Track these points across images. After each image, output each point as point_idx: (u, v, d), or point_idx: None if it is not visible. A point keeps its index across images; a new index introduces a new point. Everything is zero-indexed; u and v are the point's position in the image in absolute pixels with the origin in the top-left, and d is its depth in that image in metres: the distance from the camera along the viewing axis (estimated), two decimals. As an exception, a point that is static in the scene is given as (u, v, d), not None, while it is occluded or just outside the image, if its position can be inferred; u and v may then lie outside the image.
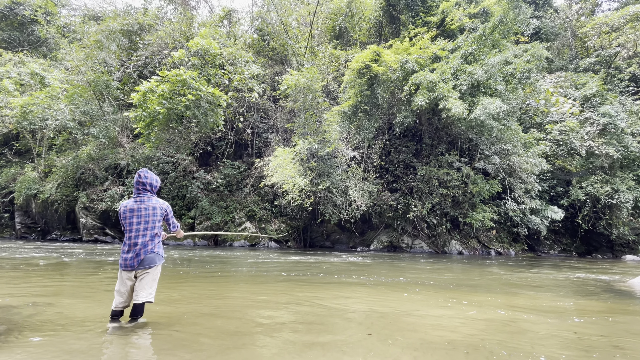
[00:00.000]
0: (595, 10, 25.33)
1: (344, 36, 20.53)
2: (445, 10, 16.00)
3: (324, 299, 4.59)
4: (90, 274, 6.53)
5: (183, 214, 15.84)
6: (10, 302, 3.86)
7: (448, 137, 15.83)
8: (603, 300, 5.15)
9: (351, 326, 3.24)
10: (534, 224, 14.27)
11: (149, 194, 3.16)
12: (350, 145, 15.75)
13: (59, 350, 2.42)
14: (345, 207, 14.35)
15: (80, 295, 4.56)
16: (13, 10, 23.76)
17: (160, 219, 3.14)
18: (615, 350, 2.78)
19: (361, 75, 13.62)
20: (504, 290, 5.75)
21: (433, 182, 14.45)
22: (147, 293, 3.00)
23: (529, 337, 3.04)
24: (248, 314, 3.65)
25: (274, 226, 15.56)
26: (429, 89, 12.76)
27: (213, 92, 13.56)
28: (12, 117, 16.80)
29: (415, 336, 2.95)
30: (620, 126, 14.92)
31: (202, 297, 4.61)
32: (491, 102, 11.67)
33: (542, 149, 14.97)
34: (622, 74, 19.91)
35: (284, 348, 2.58)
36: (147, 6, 23.45)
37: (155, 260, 3.06)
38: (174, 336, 2.79)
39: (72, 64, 18.59)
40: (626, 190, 14.57)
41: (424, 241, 14.98)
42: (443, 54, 14.03)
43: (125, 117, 16.85)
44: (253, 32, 21.77)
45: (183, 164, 16.54)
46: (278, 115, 17.91)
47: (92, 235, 15.93)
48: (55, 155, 19.11)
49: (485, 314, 3.90)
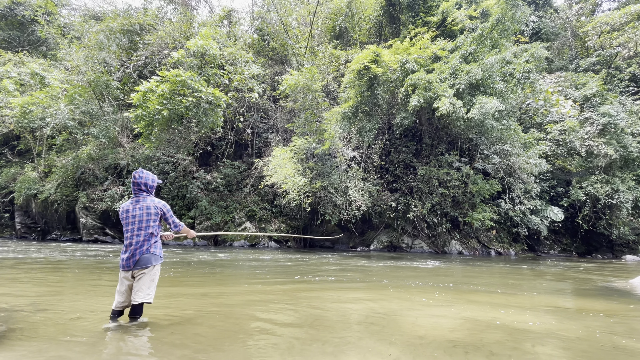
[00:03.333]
0: (596, 10, 25.30)
1: (344, 36, 20.53)
2: (446, 11, 15.99)
3: (324, 298, 4.60)
4: (90, 274, 6.53)
5: (183, 214, 15.83)
6: (10, 302, 3.86)
7: (448, 137, 15.83)
8: (603, 300, 5.15)
9: (351, 326, 3.24)
10: (534, 224, 14.27)
11: (145, 194, 3.17)
12: (350, 146, 15.75)
13: (58, 349, 2.43)
14: (345, 207, 14.34)
15: (80, 295, 4.57)
16: (13, 10, 23.75)
17: (155, 218, 3.12)
18: (615, 350, 2.78)
19: (361, 76, 13.61)
20: (504, 290, 5.75)
21: (433, 182, 14.45)
22: (144, 294, 2.99)
23: (529, 337, 3.04)
24: (247, 313, 3.66)
25: (274, 226, 15.56)
26: (425, 88, 12.76)
27: (213, 93, 13.56)
28: (12, 117, 16.78)
29: (416, 336, 2.96)
30: (620, 126, 14.91)
31: (202, 296, 4.62)
32: (488, 101, 11.65)
33: (542, 148, 14.97)
34: (622, 74, 19.90)
35: (283, 348, 2.58)
36: (147, 6, 23.45)
37: (150, 260, 3.04)
38: (174, 336, 2.79)
39: (72, 64, 18.57)
40: (626, 190, 14.56)
41: (424, 241, 14.98)
42: (443, 54, 14.02)
43: (125, 117, 16.85)
44: (253, 32, 21.77)
45: (183, 164, 16.54)
46: (278, 115, 17.91)
47: (92, 235, 15.93)
48: (55, 155, 19.11)
49: (485, 313, 3.90)
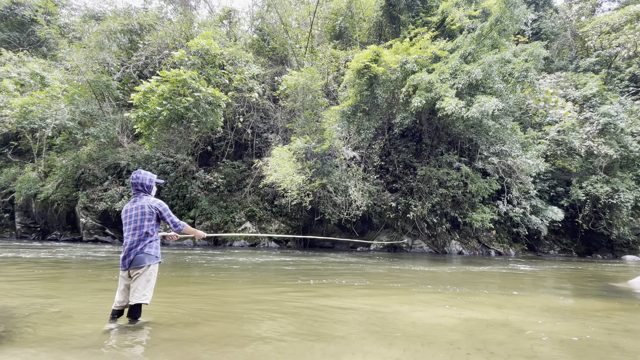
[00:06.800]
0: (596, 10, 25.29)
1: (344, 36, 20.52)
2: (445, 11, 15.98)
3: (324, 298, 4.60)
4: (90, 274, 6.53)
5: (183, 214, 15.83)
6: (10, 302, 3.86)
7: (448, 137, 15.83)
8: (603, 300, 5.15)
9: (351, 326, 3.24)
10: (534, 224, 14.27)
11: (142, 194, 3.17)
12: (350, 145, 15.74)
13: (58, 349, 2.42)
14: (345, 207, 14.34)
15: (80, 295, 4.56)
16: (13, 11, 23.75)
17: (150, 217, 3.09)
18: (615, 350, 2.78)
19: (361, 76, 13.60)
20: (504, 290, 5.75)
21: (433, 182, 14.45)
22: (140, 294, 2.97)
23: (529, 337, 3.04)
24: (248, 314, 3.65)
25: (273, 226, 15.56)
26: (426, 89, 12.76)
27: (213, 93, 13.56)
28: (12, 117, 16.78)
29: (416, 336, 2.96)
30: (620, 126, 14.91)
31: (202, 296, 4.62)
32: (487, 100, 11.66)
33: (541, 148, 14.96)
34: (622, 74, 19.90)
35: (284, 348, 2.58)
36: (147, 6, 23.45)
37: (144, 260, 3.00)
38: (174, 337, 2.79)
39: (72, 64, 18.57)
40: (626, 190, 14.56)
41: (424, 241, 14.98)
42: (443, 54, 14.02)
43: (125, 117, 16.84)
44: (253, 32, 21.77)
45: (183, 164, 16.54)
46: (278, 115, 17.91)
47: (92, 235, 15.93)
48: (55, 155, 19.11)
49: (485, 314, 3.90)
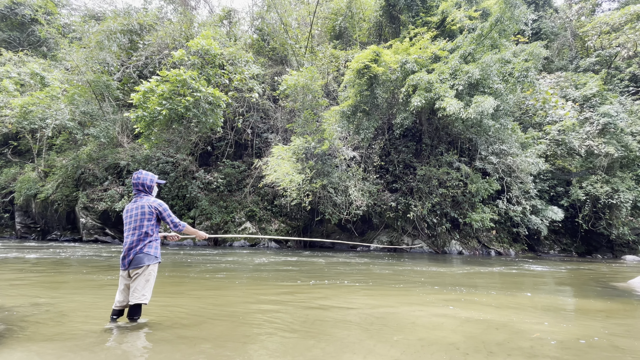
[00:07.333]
0: (596, 10, 25.29)
1: (344, 36, 20.52)
2: (445, 11, 15.98)
3: (324, 298, 4.60)
4: (90, 274, 6.53)
5: (183, 214, 15.83)
6: (10, 302, 3.86)
7: (448, 137, 15.83)
8: (603, 300, 5.15)
9: (351, 327, 3.24)
10: (534, 224, 14.26)
11: (143, 194, 3.19)
12: (350, 145, 15.74)
13: (58, 349, 2.43)
14: (345, 207, 14.34)
15: (80, 295, 4.57)
16: (13, 10, 23.76)
17: (150, 217, 3.10)
18: (615, 350, 2.78)
19: (361, 76, 13.60)
20: (504, 290, 5.75)
21: (433, 182, 14.45)
22: (139, 294, 2.98)
23: (529, 338, 3.04)
24: (248, 314, 3.65)
25: (273, 226, 15.56)
26: (426, 89, 12.75)
27: (213, 93, 13.56)
28: (12, 117, 16.79)
29: (415, 337, 2.96)
30: (620, 126, 14.92)
31: (202, 297, 4.62)
32: (484, 100, 11.66)
33: (540, 148, 14.95)
34: (622, 74, 19.89)
35: (284, 348, 2.58)
36: (147, 6, 23.44)
37: (143, 260, 3.01)
38: (174, 337, 2.79)
39: (72, 64, 18.57)
40: (626, 190, 14.55)
41: (424, 241, 14.98)
42: (442, 54, 14.02)
43: (125, 117, 16.85)
44: (253, 32, 21.76)
45: (183, 164, 16.54)
46: (278, 115, 17.91)
47: (92, 235, 15.93)
48: (55, 155, 19.11)
49: (485, 314, 3.90)
